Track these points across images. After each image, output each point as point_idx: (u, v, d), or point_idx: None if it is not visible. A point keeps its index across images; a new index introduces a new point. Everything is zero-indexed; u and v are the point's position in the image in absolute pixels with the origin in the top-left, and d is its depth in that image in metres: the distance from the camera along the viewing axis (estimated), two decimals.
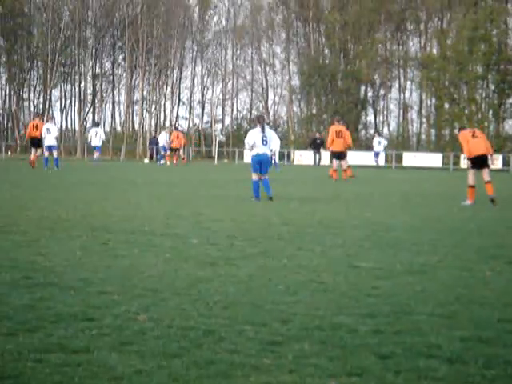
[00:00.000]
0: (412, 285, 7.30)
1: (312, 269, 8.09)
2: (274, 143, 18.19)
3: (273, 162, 39.59)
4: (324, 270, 8.01)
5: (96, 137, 40.32)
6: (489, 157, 18.55)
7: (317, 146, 49.20)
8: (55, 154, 33.62)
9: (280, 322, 5.71)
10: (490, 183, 18.14)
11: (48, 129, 33.59)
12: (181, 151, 46.14)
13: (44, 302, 6.22)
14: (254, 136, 17.99)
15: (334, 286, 7.20)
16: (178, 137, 44.63)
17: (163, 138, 46.92)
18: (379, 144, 50.66)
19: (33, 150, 34.33)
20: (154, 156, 55.04)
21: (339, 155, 29.00)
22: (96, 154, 41.25)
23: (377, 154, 51.01)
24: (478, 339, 5.34)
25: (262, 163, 17.92)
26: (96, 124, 47.56)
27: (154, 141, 57.47)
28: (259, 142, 17.86)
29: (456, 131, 60.78)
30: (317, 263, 8.48)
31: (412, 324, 5.74)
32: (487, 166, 18.42)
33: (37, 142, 33.84)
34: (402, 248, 9.82)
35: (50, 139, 33.46)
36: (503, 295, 6.90)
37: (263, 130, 17.94)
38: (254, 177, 17.93)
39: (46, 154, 33.55)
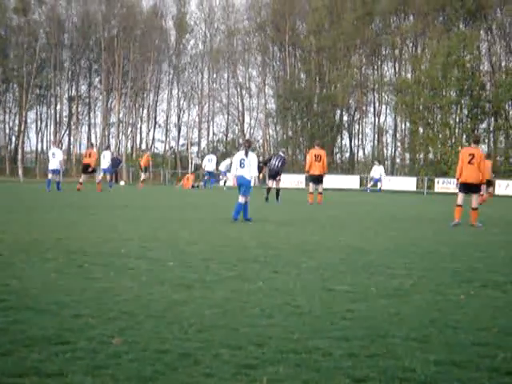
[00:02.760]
0: (386, 308, 7.33)
1: (287, 292, 8.11)
2: (253, 169, 18.54)
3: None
4: (299, 294, 8.04)
5: (104, 159, 40.68)
6: (482, 186, 18.94)
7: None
8: (56, 177, 35.33)
9: (255, 345, 5.72)
10: (476, 211, 18.40)
11: (53, 153, 35.28)
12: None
13: (18, 325, 6.18)
14: (235, 157, 18.88)
15: (309, 309, 7.22)
16: None
17: (226, 164, 49.13)
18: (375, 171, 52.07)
19: (82, 176, 36.83)
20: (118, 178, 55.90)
21: (317, 179, 29.16)
22: (100, 176, 41.46)
23: (377, 180, 52.04)
24: (451, 363, 5.38)
25: (240, 185, 18.42)
26: (106, 147, 47.82)
27: (116, 162, 56.95)
28: (238, 165, 18.50)
29: (431, 155, 61.51)
30: (292, 286, 8.50)
31: (386, 347, 5.77)
32: (477, 192, 18.66)
33: (86, 168, 36.25)
34: (377, 271, 9.86)
35: (54, 163, 35.11)
36: (477, 319, 6.95)
37: (246, 154, 18.47)
38: (240, 199, 18.29)
39: (50, 176, 35.27)
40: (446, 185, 53.02)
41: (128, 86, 73.97)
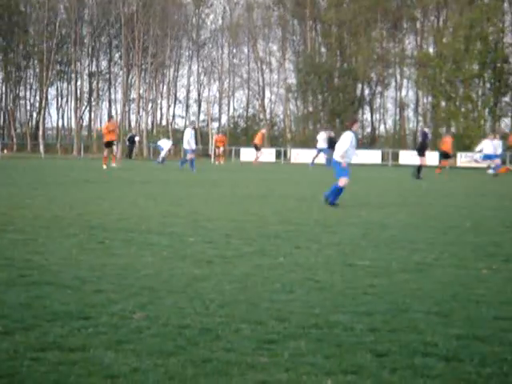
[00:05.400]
0: (408, 283, 7.31)
1: (308, 267, 8.10)
2: (337, 148, 16.39)
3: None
4: (320, 269, 8.02)
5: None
6: None
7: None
8: (188, 156, 35.48)
9: (276, 321, 5.71)
10: None
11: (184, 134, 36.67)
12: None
13: (40, 300, 6.22)
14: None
15: (331, 284, 7.21)
16: None
17: (322, 138, 44.51)
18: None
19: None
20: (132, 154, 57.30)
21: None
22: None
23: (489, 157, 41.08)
24: (473, 337, 5.35)
25: None
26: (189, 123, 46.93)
27: (131, 139, 59.16)
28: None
29: (453, 130, 61.06)
30: (313, 261, 8.49)
31: (408, 322, 5.75)
32: None
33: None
34: (398, 246, 9.83)
35: (184, 143, 36.37)
36: (499, 293, 6.91)
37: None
38: (345, 182, 16.16)
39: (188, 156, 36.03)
40: (468, 159, 52.65)
41: (148, 62, 73.88)
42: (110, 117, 46.20)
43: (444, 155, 38.65)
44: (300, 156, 57.72)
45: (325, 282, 7.26)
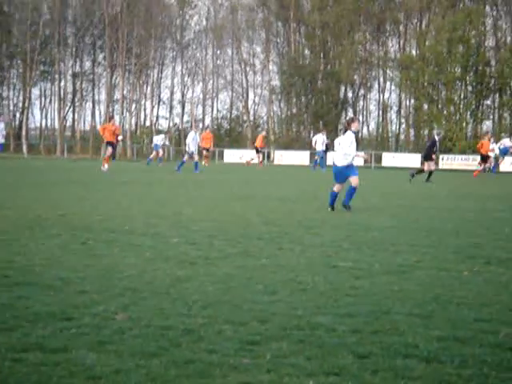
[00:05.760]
0: (390, 285, 7.34)
1: (291, 268, 8.12)
2: (346, 150, 15.65)
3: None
4: (303, 270, 8.05)
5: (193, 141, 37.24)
6: None
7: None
8: (195, 158, 35.92)
9: (259, 322, 5.73)
10: None
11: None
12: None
13: (22, 301, 6.20)
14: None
15: (313, 285, 7.23)
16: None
17: (320, 141, 43.60)
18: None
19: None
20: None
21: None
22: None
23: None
24: (454, 339, 5.39)
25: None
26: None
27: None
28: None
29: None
30: (296, 263, 8.51)
31: (390, 324, 5.78)
32: None
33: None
34: (381, 248, 9.87)
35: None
36: (480, 295, 6.96)
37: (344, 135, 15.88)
38: (356, 182, 15.69)
39: (185, 158, 36.70)
40: (450, 161, 52.93)
41: (132, 63, 73.71)
42: (110, 117, 44.24)
43: (483, 157, 39.42)
44: (283, 157, 57.80)
45: (307, 284, 7.29)
